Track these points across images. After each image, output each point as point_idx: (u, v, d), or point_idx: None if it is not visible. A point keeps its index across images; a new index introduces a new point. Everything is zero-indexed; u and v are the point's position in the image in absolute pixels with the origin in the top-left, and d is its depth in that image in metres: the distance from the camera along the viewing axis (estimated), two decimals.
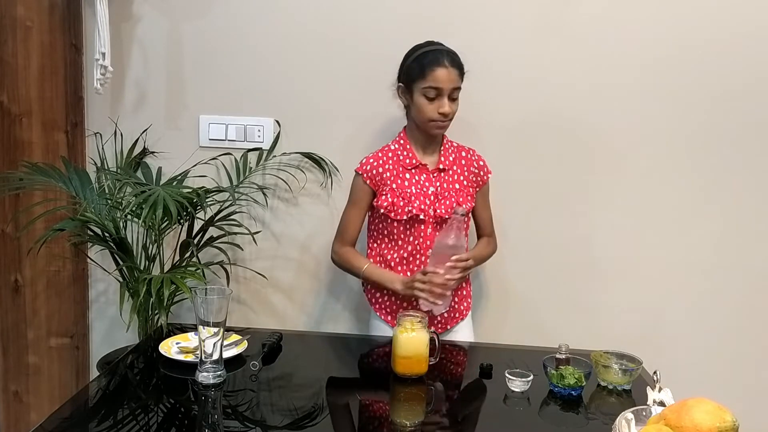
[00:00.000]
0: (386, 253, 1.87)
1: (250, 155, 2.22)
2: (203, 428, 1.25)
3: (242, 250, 2.23)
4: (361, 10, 2.15)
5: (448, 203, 1.82)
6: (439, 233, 1.78)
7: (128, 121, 2.26)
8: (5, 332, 2.36)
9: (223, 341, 1.40)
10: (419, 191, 1.81)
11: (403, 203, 1.80)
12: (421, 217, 1.80)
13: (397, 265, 1.86)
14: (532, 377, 1.42)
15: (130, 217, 2.06)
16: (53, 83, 2.25)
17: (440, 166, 1.84)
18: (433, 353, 1.49)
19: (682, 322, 2.23)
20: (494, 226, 2.01)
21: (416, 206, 1.79)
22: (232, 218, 2.14)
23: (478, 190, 1.92)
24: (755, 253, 2.20)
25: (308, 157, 2.19)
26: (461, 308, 1.93)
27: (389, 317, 1.88)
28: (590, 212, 2.21)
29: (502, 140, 2.17)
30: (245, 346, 1.58)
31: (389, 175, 1.82)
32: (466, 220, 1.81)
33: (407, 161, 1.83)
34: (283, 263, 2.30)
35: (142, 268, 2.07)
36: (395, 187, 1.81)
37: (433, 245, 1.80)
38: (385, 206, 1.81)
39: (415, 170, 1.84)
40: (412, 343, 1.45)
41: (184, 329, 1.74)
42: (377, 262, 1.88)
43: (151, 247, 2.09)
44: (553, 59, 2.14)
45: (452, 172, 1.86)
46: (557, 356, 1.48)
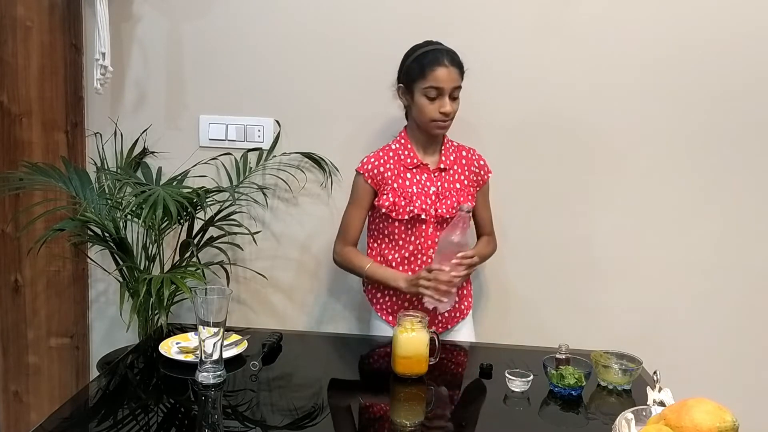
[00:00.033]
0: (387, 253, 1.87)
1: (250, 155, 2.22)
2: (203, 428, 1.25)
3: (242, 250, 2.23)
4: (361, 10, 2.15)
5: (449, 203, 1.82)
6: (443, 231, 1.77)
7: (128, 121, 2.26)
8: (5, 332, 2.36)
9: (223, 341, 1.40)
10: (420, 191, 1.81)
11: (404, 203, 1.80)
12: (422, 216, 1.80)
13: (398, 265, 1.85)
14: (532, 377, 1.42)
15: (130, 217, 2.06)
16: (53, 83, 2.25)
17: (441, 165, 1.84)
18: (433, 353, 1.49)
19: (682, 322, 2.23)
20: (494, 225, 2.01)
21: (417, 206, 1.79)
22: (232, 218, 2.14)
23: (478, 189, 1.92)
24: (755, 253, 2.20)
25: (308, 157, 2.19)
26: (462, 307, 1.93)
27: (390, 317, 1.87)
28: (590, 212, 2.21)
29: (502, 140, 2.17)
30: (245, 346, 1.57)
31: (390, 174, 1.82)
32: (469, 217, 1.81)
33: (408, 161, 1.83)
34: (283, 263, 2.30)
35: (142, 268, 2.07)
36: (396, 186, 1.81)
37: (436, 244, 1.80)
38: (386, 206, 1.81)
39: (416, 170, 1.83)
40: (412, 343, 1.45)
41: (184, 329, 1.74)
42: (378, 262, 1.88)
43: (151, 247, 2.09)
44: (553, 59, 2.14)
45: (453, 171, 1.86)
46: (557, 356, 1.48)
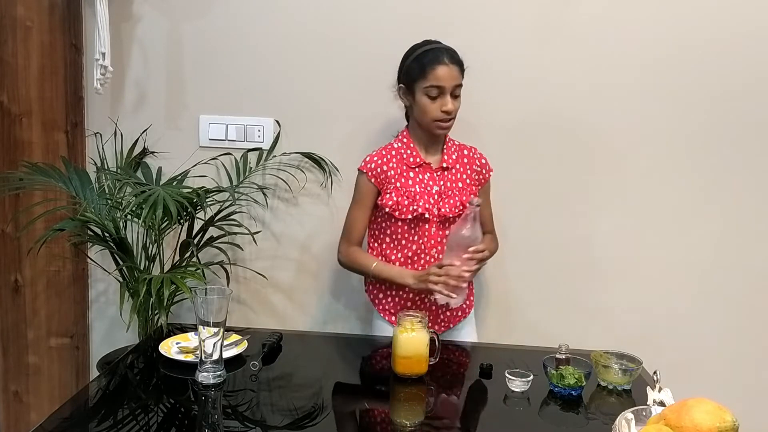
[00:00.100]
0: (389, 253, 1.86)
1: (250, 155, 2.22)
2: (203, 428, 1.25)
3: (242, 250, 2.23)
4: (361, 10, 2.15)
5: (452, 202, 1.81)
6: (453, 226, 1.76)
7: (128, 121, 2.26)
8: (5, 332, 2.36)
9: (223, 341, 1.40)
10: (423, 190, 1.81)
11: (407, 202, 1.79)
12: (425, 216, 1.80)
13: (400, 265, 1.84)
14: (532, 377, 1.42)
15: (130, 217, 2.06)
16: (53, 83, 2.25)
17: (443, 164, 1.84)
18: (433, 353, 1.49)
19: (682, 322, 2.23)
20: (494, 225, 2.01)
21: (421, 205, 1.79)
22: (232, 218, 2.14)
23: (480, 188, 1.92)
24: (755, 253, 2.20)
25: (308, 157, 2.19)
26: (464, 306, 1.92)
27: (392, 317, 1.87)
28: (590, 212, 2.21)
29: (502, 140, 2.17)
30: (245, 346, 1.57)
31: (393, 173, 1.81)
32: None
33: (411, 160, 1.83)
34: (283, 263, 2.30)
35: (142, 268, 2.07)
36: (399, 186, 1.81)
37: (439, 243, 1.79)
38: (390, 205, 1.80)
39: (418, 169, 1.83)
40: (412, 343, 1.45)
41: (184, 329, 1.74)
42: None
43: (151, 247, 2.09)
44: (553, 59, 2.14)
45: (455, 170, 1.86)
46: (557, 356, 1.48)
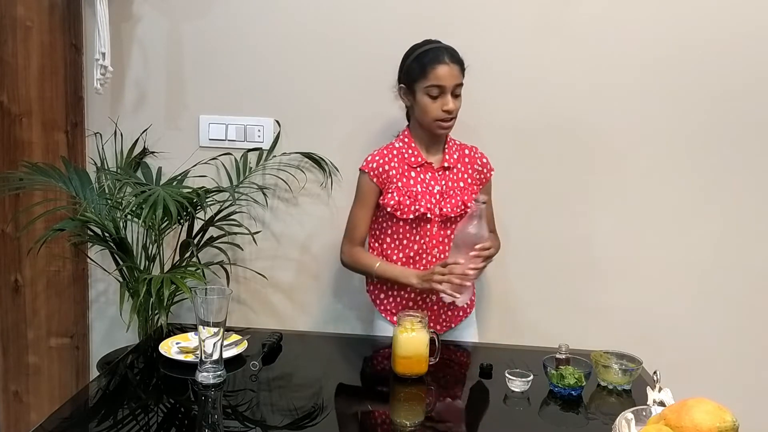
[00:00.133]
0: (390, 253, 1.85)
1: (250, 155, 2.22)
2: (203, 428, 1.25)
3: (242, 250, 2.23)
4: (361, 10, 2.15)
5: (453, 202, 1.81)
6: (459, 223, 1.74)
7: (128, 121, 2.26)
8: (5, 332, 2.36)
9: (223, 341, 1.40)
10: (425, 190, 1.81)
11: (409, 202, 1.79)
12: (427, 216, 1.80)
13: (402, 265, 1.84)
14: (532, 377, 1.42)
15: (130, 217, 2.06)
16: (53, 83, 2.25)
17: (445, 164, 1.84)
18: (433, 353, 1.49)
19: (682, 322, 2.23)
20: (495, 225, 2.01)
21: (423, 205, 1.79)
22: (232, 218, 2.14)
23: (481, 187, 1.91)
24: (755, 253, 2.20)
25: (308, 157, 2.19)
26: (465, 306, 1.91)
27: (394, 317, 1.85)
28: (590, 212, 2.21)
29: (502, 140, 2.17)
30: (245, 346, 1.57)
31: (395, 173, 1.81)
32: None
33: (412, 159, 1.82)
34: (283, 263, 2.30)
35: (142, 268, 2.07)
36: (401, 185, 1.80)
37: (440, 243, 1.79)
38: (391, 204, 1.80)
39: (420, 168, 1.83)
40: (412, 343, 1.45)
41: (184, 329, 1.74)
42: None
43: (151, 247, 2.09)
44: (553, 59, 2.14)
45: (456, 170, 1.86)
46: (557, 356, 1.48)
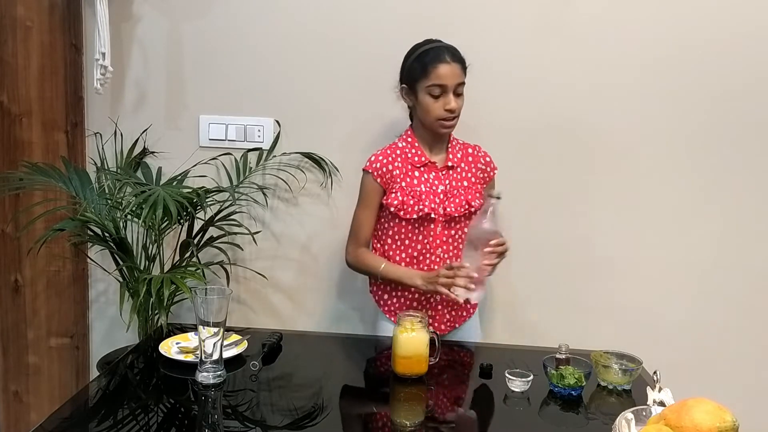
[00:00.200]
0: (393, 254, 1.84)
1: (250, 155, 2.22)
2: (203, 428, 1.25)
3: (242, 250, 2.23)
4: (361, 10, 2.15)
5: (457, 201, 1.81)
6: (473, 220, 1.73)
7: (128, 121, 2.26)
8: (5, 332, 2.36)
9: (223, 341, 1.40)
10: (429, 189, 1.80)
11: (413, 202, 1.78)
12: (431, 215, 1.79)
13: (405, 265, 1.83)
14: (532, 377, 1.42)
15: (130, 217, 2.06)
16: (53, 83, 2.25)
17: (448, 163, 1.83)
18: (433, 353, 1.49)
19: (682, 322, 2.23)
20: None
21: (427, 204, 1.78)
22: (232, 218, 2.14)
23: (484, 186, 1.91)
24: (755, 253, 2.20)
25: (308, 157, 2.19)
26: (468, 306, 1.91)
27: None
28: (590, 212, 2.21)
29: (502, 140, 2.16)
30: (245, 346, 1.57)
31: (398, 173, 1.81)
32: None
33: (416, 159, 1.82)
34: (283, 263, 2.30)
35: (142, 268, 2.07)
36: (405, 185, 1.80)
37: (444, 243, 1.79)
38: (395, 204, 1.79)
39: (423, 168, 1.82)
40: (412, 343, 1.45)
41: (184, 329, 1.74)
42: None
43: (151, 247, 2.09)
44: (553, 59, 2.14)
45: (460, 169, 1.85)
46: (557, 356, 1.48)
